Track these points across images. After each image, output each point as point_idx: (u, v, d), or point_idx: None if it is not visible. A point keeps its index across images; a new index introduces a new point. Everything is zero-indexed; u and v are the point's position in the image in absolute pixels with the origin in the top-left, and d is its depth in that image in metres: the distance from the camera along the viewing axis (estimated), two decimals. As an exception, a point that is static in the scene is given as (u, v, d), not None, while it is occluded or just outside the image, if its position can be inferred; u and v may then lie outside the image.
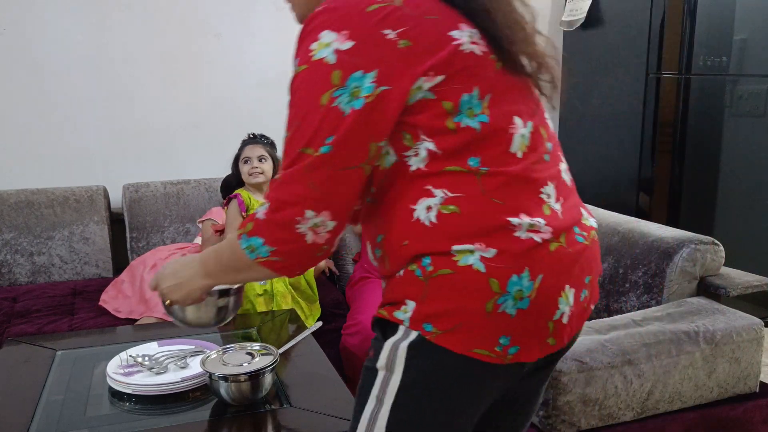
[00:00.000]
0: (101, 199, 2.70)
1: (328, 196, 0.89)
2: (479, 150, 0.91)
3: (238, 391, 1.39)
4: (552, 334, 0.93)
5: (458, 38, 0.90)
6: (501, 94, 0.94)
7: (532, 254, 0.90)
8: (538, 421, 1.50)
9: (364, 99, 0.85)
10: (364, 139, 0.88)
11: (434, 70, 0.88)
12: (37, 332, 2.11)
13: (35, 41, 2.69)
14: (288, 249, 0.92)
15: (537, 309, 0.91)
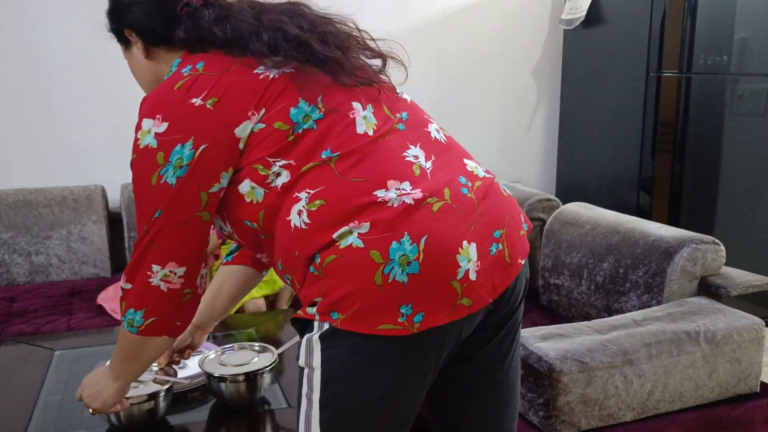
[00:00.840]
0: (99, 198, 2.70)
1: (169, 249, 1.01)
2: (327, 142, 0.97)
3: (237, 391, 1.39)
4: (464, 293, 0.93)
5: (265, 72, 1.01)
6: (332, 90, 1.02)
7: (409, 217, 0.92)
8: (538, 422, 1.50)
9: (187, 165, 0.97)
10: (194, 192, 0.99)
11: (254, 108, 0.98)
12: (35, 332, 2.10)
13: (33, 40, 2.69)
14: (153, 304, 1.03)
15: (431, 270, 0.91)
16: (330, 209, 0.93)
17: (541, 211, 2.52)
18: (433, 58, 3.31)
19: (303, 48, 1.01)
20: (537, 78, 3.56)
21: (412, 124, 1.05)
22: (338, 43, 1.05)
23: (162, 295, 1.03)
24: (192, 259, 1.03)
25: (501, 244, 1.00)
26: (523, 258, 1.07)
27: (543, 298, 2.35)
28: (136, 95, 2.99)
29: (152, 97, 1.02)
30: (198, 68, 1.01)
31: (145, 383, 1.35)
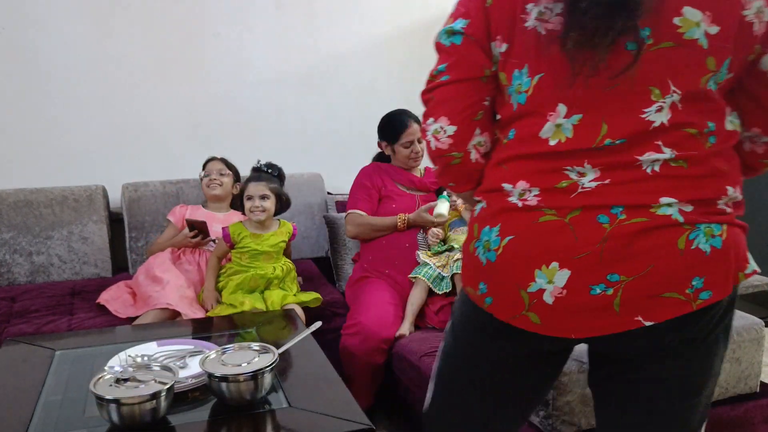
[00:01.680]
0: (100, 198, 2.70)
1: (443, 103, 1.06)
2: (515, 125, 1.02)
3: (238, 391, 1.39)
4: (531, 308, 0.96)
5: (528, 12, 0.96)
6: (554, 77, 0.96)
7: (510, 214, 0.98)
8: (538, 422, 1.50)
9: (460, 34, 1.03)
10: (472, 62, 1.04)
11: (501, 36, 0.99)
12: (36, 332, 2.11)
13: (34, 40, 2.69)
14: (429, 155, 1.11)
15: (504, 268, 0.97)
16: (484, 179, 1.08)
17: (541, 211, 2.52)
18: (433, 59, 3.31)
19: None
20: (537, 78, 3.57)
21: (624, 148, 0.94)
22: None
23: (431, 152, 1.08)
24: (464, 121, 1.05)
25: (614, 289, 0.92)
26: (649, 320, 0.93)
27: (543, 299, 2.35)
28: (136, 95, 3.02)
29: None
30: None
31: (146, 383, 1.35)
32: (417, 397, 2.00)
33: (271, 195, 2.30)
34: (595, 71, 0.92)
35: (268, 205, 2.28)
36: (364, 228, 2.47)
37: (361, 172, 2.62)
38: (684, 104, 0.92)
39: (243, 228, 2.30)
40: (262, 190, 2.28)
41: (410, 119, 2.51)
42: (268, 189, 2.29)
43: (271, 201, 2.29)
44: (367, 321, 2.16)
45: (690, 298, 0.93)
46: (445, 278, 2.27)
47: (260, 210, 2.26)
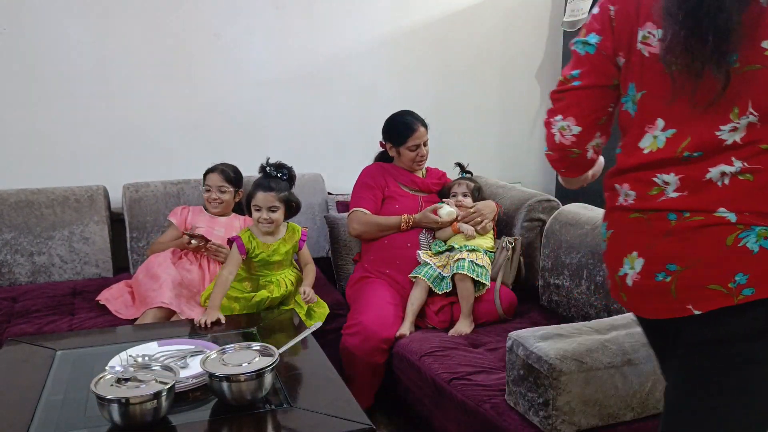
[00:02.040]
0: (101, 198, 2.70)
1: (572, 106, 1.20)
2: (623, 133, 1.20)
3: (238, 391, 1.39)
4: (622, 289, 1.16)
5: (637, 35, 1.12)
6: (655, 96, 1.12)
7: (614, 212, 1.20)
8: (538, 421, 1.50)
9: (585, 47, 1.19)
10: (602, 71, 1.18)
11: (622, 53, 1.15)
12: (37, 332, 2.11)
13: (35, 41, 2.69)
14: (549, 145, 1.25)
15: (609, 255, 1.20)
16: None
17: (541, 211, 2.52)
18: (433, 59, 3.31)
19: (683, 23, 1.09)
20: (537, 79, 3.56)
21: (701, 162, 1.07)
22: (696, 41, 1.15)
23: (553, 144, 1.24)
24: (589, 124, 1.20)
25: (671, 277, 1.07)
26: (697, 309, 1.05)
27: (543, 298, 2.35)
28: (137, 96, 3.02)
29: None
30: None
31: (147, 383, 1.35)
32: (417, 397, 2.00)
33: (281, 206, 2.17)
34: (694, 92, 1.05)
35: (277, 216, 2.17)
36: (370, 227, 2.46)
37: (365, 171, 2.61)
38: (761, 123, 1.02)
39: (253, 236, 2.20)
40: (270, 201, 2.15)
41: (417, 122, 2.49)
42: (277, 200, 2.16)
43: (280, 212, 2.18)
44: (368, 321, 2.16)
45: (732, 293, 1.01)
46: (445, 278, 2.27)
47: (268, 222, 2.16)
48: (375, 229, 2.46)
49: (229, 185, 2.52)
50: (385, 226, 2.45)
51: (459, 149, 3.30)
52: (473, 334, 2.16)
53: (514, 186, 2.77)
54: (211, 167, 2.56)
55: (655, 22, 1.07)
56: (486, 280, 2.25)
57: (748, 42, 0.99)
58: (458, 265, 2.24)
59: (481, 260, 2.27)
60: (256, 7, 2.97)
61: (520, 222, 2.51)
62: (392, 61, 3.23)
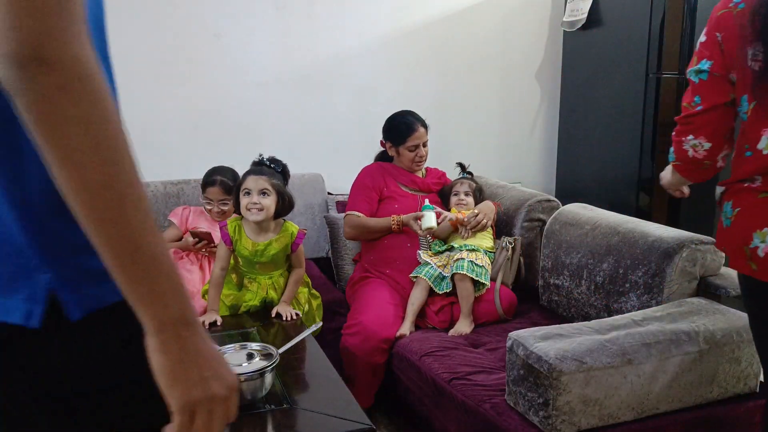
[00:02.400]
0: (101, 199, 2.70)
1: (702, 127, 1.41)
2: (743, 136, 1.38)
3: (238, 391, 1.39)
4: (751, 258, 1.34)
5: (747, 53, 1.32)
6: (765, 104, 1.32)
7: (741, 194, 1.38)
8: (538, 421, 1.50)
9: (698, 75, 1.41)
10: (718, 91, 1.39)
11: (735, 71, 1.35)
12: (37, 332, 2.10)
13: (35, 41, 2.69)
14: (680, 158, 1.49)
15: (734, 232, 1.38)
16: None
17: (541, 211, 2.52)
18: (433, 60, 3.31)
19: None
20: (537, 79, 3.57)
21: None
22: None
23: (687, 158, 1.48)
24: (718, 140, 1.42)
25: None
26: None
27: (543, 298, 2.35)
28: (136, 96, 3.01)
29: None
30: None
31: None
32: (417, 397, 2.00)
33: (273, 192, 1.97)
34: None
35: (268, 202, 1.96)
36: (360, 230, 2.47)
37: (364, 171, 2.62)
38: None
39: (241, 228, 2.04)
40: (262, 184, 1.96)
41: (417, 123, 2.49)
42: (269, 184, 1.97)
43: (271, 198, 1.97)
44: (368, 321, 2.16)
45: None
46: (445, 278, 2.27)
47: (258, 208, 1.95)
48: (365, 231, 2.47)
49: (230, 197, 2.41)
50: (375, 229, 2.45)
51: (459, 149, 3.31)
52: (473, 334, 2.16)
53: (514, 186, 2.77)
54: (210, 179, 2.46)
55: (764, 42, 1.28)
56: (486, 280, 2.25)
57: None
58: (458, 265, 2.24)
59: (481, 260, 2.27)
60: (256, 8, 2.97)
61: (520, 222, 2.51)
62: (392, 61, 3.23)
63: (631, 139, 3.09)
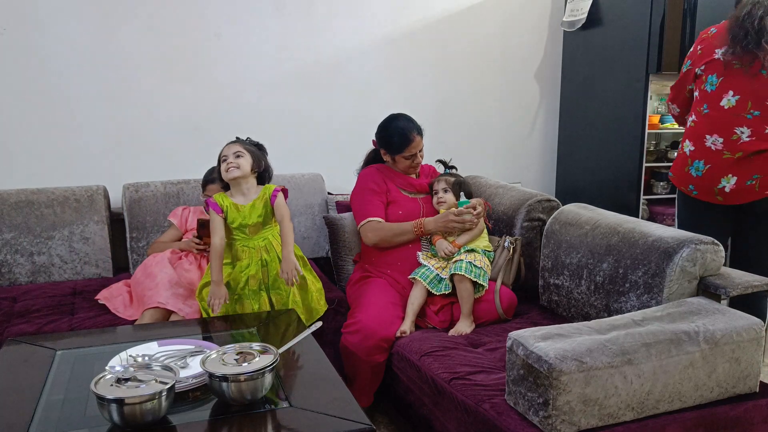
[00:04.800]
0: (101, 198, 2.70)
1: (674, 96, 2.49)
2: (707, 101, 2.23)
3: (238, 390, 1.39)
4: (717, 193, 2.20)
5: (717, 52, 2.23)
6: (727, 78, 2.19)
7: (708, 153, 2.21)
8: (538, 421, 1.50)
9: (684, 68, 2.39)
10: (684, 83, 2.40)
11: (704, 65, 2.26)
12: (37, 332, 2.11)
13: (36, 41, 2.70)
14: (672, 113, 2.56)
15: (705, 179, 2.22)
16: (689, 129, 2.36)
17: (541, 211, 2.52)
18: (434, 60, 3.31)
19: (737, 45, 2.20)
20: (537, 79, 3.57)
21: (760, 118, 2.14)
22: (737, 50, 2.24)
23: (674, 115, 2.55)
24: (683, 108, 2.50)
25: (755, 182, 2.14)
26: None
27: (543, 298, 2.35)
28: (137, 96, 3.02)
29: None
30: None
31: (147, 383, 1.35)
32: (417, 396, 2.00)
33: (246, 153, 2.19)
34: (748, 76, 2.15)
35: (242, 161, 2.17)
36: (389, 234, 2.39)
37: (365, 176, 2.54)
38: None
39: (225, 197, 2.21)
40: (236, 148, 2.18)
41: (413, 132, 2.41)
42: (242, 147, 2.19)
43: (245, 159, 2.18)
44: (368, 320, 2.16)
45: None
46: (443, 280, 2.27)
47: (234, 166, 2.15)
48: (392, 234, 2.39)
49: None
50: (399, 232, 2.41)
51: (459, 149, 3.31)
52: (473, 334, 2.16)
53: (514, 186, 2.77)
54: (211, 176, 2.50)
55: (730, 45, 2.17)
56: (484, 282, 2.24)
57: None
58: (456, 266, 2.24)
59: (480, 261, 2.27)
60: (256, 7, 2.97)
61: (520, 222, 2.51)
62: (392, 61, 3.23)
63: (631, 139, 3.09)
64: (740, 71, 2.14)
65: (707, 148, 2.18)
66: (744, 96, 2.12)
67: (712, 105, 2.19)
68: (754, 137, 2.08)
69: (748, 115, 2.08)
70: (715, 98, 2.19)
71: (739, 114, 2.12)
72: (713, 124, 2.18)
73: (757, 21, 2.09)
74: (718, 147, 2.12)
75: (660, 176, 3.29)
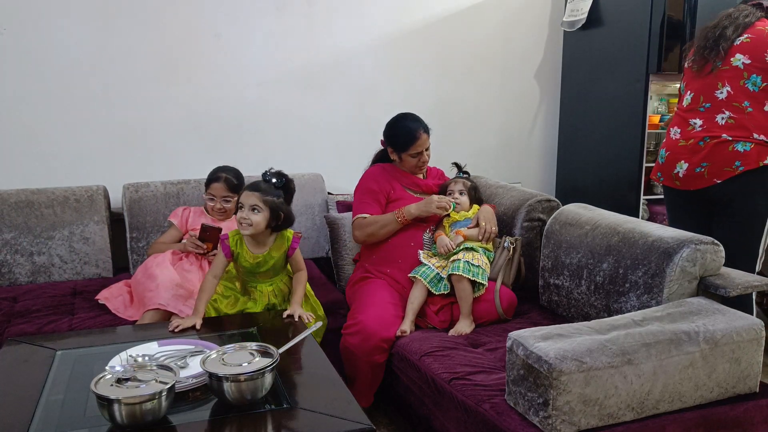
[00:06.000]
0: (101, 198, 2.70)
1: None
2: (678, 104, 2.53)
3: (238, 391, 1.39)
4: (675, 178, 2.39)
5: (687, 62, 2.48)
6: (689, 81, 2.43)
7: (669, 142, 2.44)
8: (538, 421, 1.50)
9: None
10: None
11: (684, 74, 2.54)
12: (37, 332, 2.11)
13: (36, 41, 2.70)
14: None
15: (665, 165, 2.43)
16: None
17: (541, 211, 2.52)
18: (434, 60, 3.31)
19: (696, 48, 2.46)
20: (537, 79, 3.57)
21: (710, 111, 2.32)
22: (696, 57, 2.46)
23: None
24: None
25: (703, 169, 2.29)
26: (720, 179, 2.27)
27: (543, 298, 2.35)
28: (137, 96, 3.02)
29: None
30: None
31: (147, 383, 1.35)
32: (417, 396, 2.00)
33: (264, 208, 2.01)
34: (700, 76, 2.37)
35: (258, 219, 2.00)
36: (373, 228, 2.42)
37: (368, 175, 2.56)
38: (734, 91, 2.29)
39: (241, 241, 2.09)
40: (253, 201, 2.01)
41: (420, 129, 2.45)
42: (260, 201, 2.00)
43: (262, 215, 2.01)
44: (368, 320, 2.16)
45: (735, 170, 2.24)
46: (443, 279, 2.27)
47: (247, 223, 2.00)
48: (378, 228, 2.43)
49: (233, 194, 2.48)
50: (384, 223, 2.42)
51: (459, 149, 3.31)
52: (473, 334, 2.16)
53: (514, 186, 2.77)
54: (215, 176, 2.51)
55: (693, 53, 2.41)
56: (483, 280, 2.24)
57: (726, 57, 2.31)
58: (454, 266, 2.24)
59: (478, 260, 2.27)
60: (256, 8, 2.97)
61: (520, 222, 2.51)
62: (392, 61, 3.23)
63: (631, 139, 3.09)
64: (697, 73, 2.38)
65: (670, 139, 2.44)
66: (697, 93, 2.36)
67: (679, 106, 2.48)
68: (705, 126, 2.31)
69: (701, 108, 2.32)
70: (681, 100, 2.48)
71: (693, 109, 2.36)
72: (676, 120, 2.45)
73: (720, 31, 2.30)
74: (677, 137, 2.39)
75: (660, 176, 3.29)
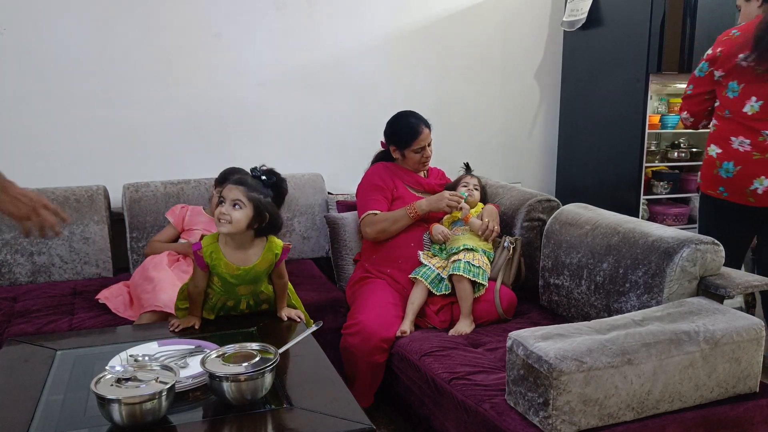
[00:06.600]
0: (101, 198, 2.70)
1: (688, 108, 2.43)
2: (727, 107, 2.23)
3: (238, 391, 1.39)
4: (750, 195, 2.19)
5: (738, 57, 2.17)
6: (749, 84, 2.17)
7: (737, 155, 2.20)
8: (538, 421, 1.50)
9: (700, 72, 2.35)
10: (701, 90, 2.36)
11: (721, 69, 2.24)
12: (37, 332, 2.11)
13: (36, 41, 2.70)
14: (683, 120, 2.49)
15: (738, 179, 2.20)
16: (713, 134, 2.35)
17: (541, 211, 2.52)
18: (434, 60, 3.31)
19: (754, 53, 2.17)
20: (537, 79, 3.57)
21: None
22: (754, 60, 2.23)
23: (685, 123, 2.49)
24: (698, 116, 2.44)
25: None
26: None
27: (543, 298, 2.35)
28: (137, 96, 3.02)
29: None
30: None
31: (147, 383, 1.35)
32: (417, 396, 2.00)
33: (247, 204, 1.75)
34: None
35: (239, 215, 1.74)
36: (385, 224, 2.41)
37: (372, 172, 2.56)
38: None
39: (217, 248, 1.81)
40: (236, 195, 1.75)
41: (421, 124, 2.46)
42: (244, 196, 1.75)
43: (244, 212, 1.75)
44: (368, 320, 2.16)
45: None
46: (443, 280, 2.27)
47: (227, 220, 1.73)
48: (388, 224, 2.41)
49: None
50: (395, 219, 2.41)
51: (459, 149, 3.31)
52: (473, 334, 2.16)
53: (514, 186, 2.77)
54: (229, 175, 2.30)
55: (753, 51, 2.12)
56: (483, 280, 2.24)
57: None
58: (454, 266, 2.24)
59: (478, 260, 2.27)
60: (256, 7, 2.97)
61: (520, 222, 2.51)
62: (392, 61, 3.23)
63: (631, 139, 3.09)
64: (763, 77, 2.12)
65: (735, 149, 2.18)
66: (766, 99, 2.13)
67: (735, 111, 2.19)
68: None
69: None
70: (737, 104, 2.18)
71: (763, 119, 2.13)
72: (738, 128, 2.18)
73: None
74: (746, 148, 2.13)
75: (660, 176, 3.29)
